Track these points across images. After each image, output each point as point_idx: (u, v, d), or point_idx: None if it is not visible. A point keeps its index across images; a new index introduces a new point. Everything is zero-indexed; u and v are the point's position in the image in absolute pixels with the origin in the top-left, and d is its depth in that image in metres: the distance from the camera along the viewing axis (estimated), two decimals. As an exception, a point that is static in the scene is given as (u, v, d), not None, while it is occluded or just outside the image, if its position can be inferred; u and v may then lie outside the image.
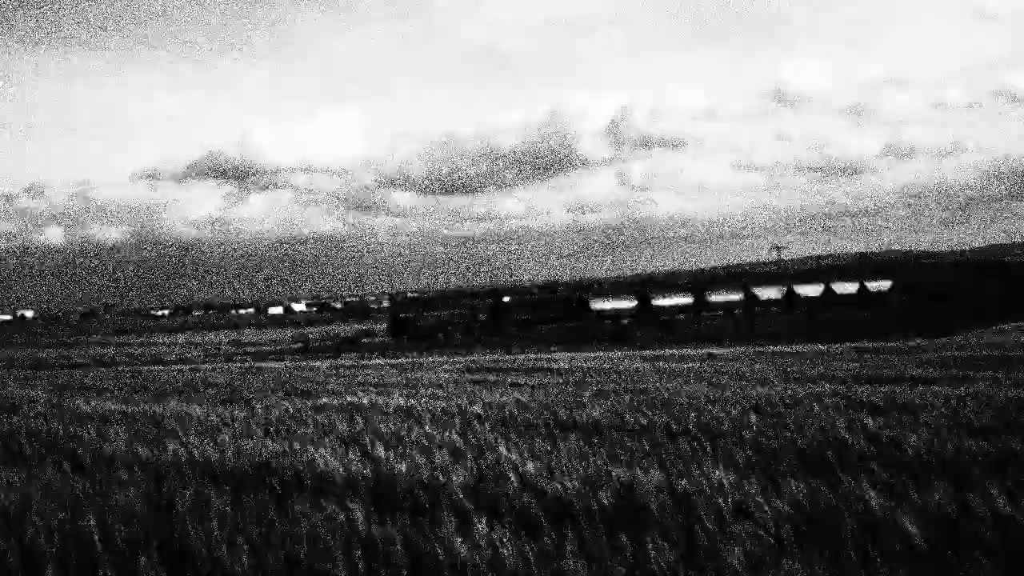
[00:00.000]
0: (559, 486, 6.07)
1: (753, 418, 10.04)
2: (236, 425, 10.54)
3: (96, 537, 5.20)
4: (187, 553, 4.96)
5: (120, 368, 48.90)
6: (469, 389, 17.93)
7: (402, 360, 47.03)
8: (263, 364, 46.83)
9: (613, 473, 6.47)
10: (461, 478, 6.45)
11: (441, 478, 6.41)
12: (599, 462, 7.18)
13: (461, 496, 6.01)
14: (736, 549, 4.61)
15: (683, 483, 6.16)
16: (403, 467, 6.87)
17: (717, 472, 6.47)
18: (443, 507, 5.77)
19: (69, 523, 5.54)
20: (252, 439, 9.02)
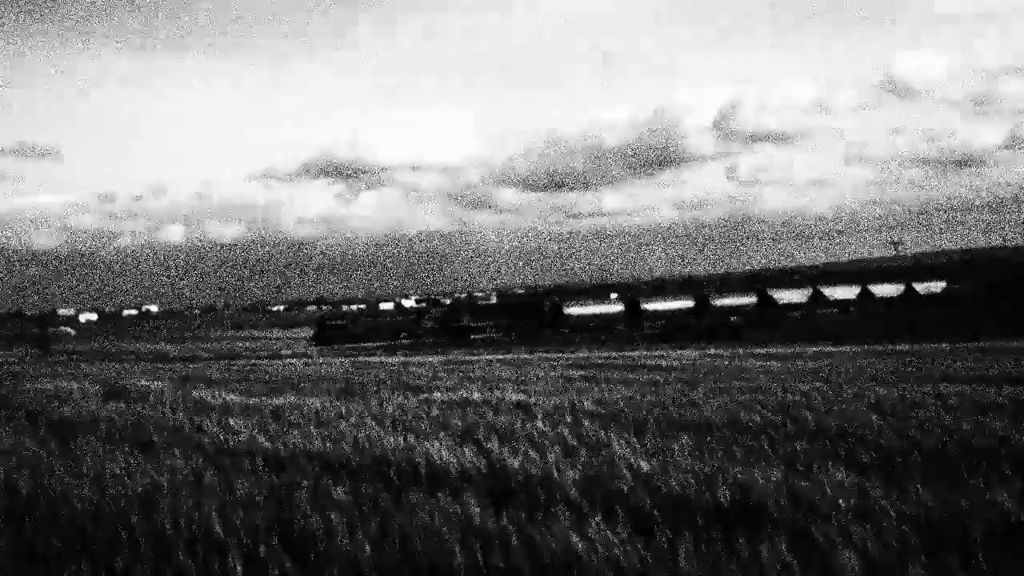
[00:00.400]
0: (674, 484, 6.01)
1: (873, 418, 9.73)
2: (352, 418, 10.75)
3: (218, 524, 5.38)
4: (308, 542, 5.08)
5: (239, 361, 50.47)
6: (579, 385, 17.89)
7: (511, 355, 47.25)
8: (374, 358, 47.69)
9: (729, 472, 6.37)
10: (575, 474, 6.44)
11: (555, 474, 6.42)
12: (714, 461, 7.07)
13: (575, 492, 6.00)
14: (854, 554, 4.48)
15: (802, 483, 6.02)
16: (516, 462, 6.90)
17: (838, 473, 6.30)
18: (557, 502, 5.77)
19: (195, 510, 5.75)
20: (368, 432, 9.18)
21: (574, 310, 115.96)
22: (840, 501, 5.51)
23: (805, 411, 10.64)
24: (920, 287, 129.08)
